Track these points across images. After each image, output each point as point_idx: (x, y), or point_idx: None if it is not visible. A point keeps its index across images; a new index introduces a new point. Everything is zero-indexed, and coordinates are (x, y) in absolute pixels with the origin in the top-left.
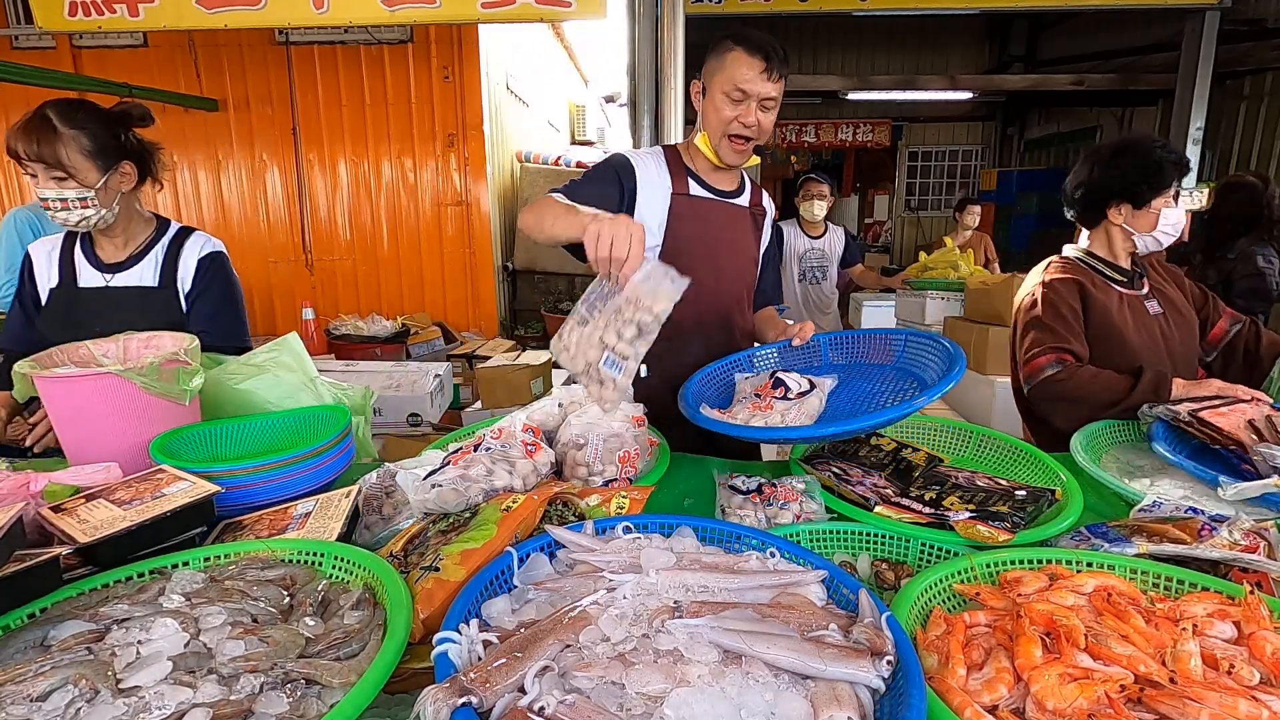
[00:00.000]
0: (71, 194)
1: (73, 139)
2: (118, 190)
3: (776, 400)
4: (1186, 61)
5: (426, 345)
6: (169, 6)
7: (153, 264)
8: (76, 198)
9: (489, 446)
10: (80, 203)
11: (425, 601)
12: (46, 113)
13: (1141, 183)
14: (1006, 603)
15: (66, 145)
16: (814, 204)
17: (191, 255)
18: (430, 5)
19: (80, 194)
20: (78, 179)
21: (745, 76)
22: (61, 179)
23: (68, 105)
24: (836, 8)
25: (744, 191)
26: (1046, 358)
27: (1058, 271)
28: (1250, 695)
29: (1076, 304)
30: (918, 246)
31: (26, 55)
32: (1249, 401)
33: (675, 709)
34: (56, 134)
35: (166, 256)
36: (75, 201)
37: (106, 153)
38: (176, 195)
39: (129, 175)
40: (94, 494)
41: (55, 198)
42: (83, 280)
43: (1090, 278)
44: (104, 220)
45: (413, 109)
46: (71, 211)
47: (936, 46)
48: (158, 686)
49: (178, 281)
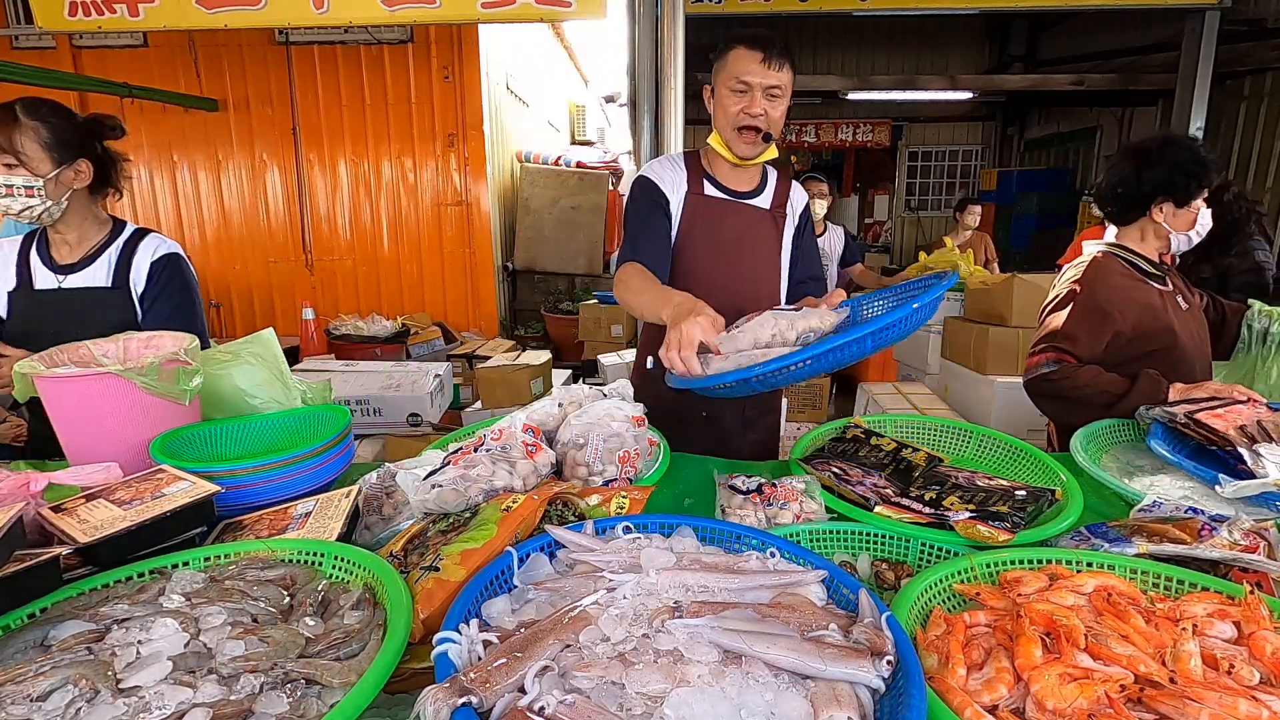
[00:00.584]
0: (19, 181)
1: (32, 129)
2: (69, 186)
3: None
4: (1186, 61)
5: (426, 345)
6: (169, 6)
7: (106, 265)
8: (23, 185)
9: (489, 447)
10: (26, 190)
11: (425, 601)
12: (13, 104)
13: (1189, 180)
14: (1006, 603)
15: (24, 133)
16: (814, 203)
17: (145, 257)
18: (430, 5)
19: (28, 182)
20: (28, 166)
21: (746, 68)
22: (11, 165)
23: (35, 100)
24: (836, 8)
25: (764, 191)
26: (1045, 355)
27: (1098, 267)
28: (1250, 695)
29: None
30: (918, 246)
31: (26, 55)
32: (1245, 402)
33: (675, 709)
34: (16, 123)
35: (120, 257)
36: (21, 189)
37: (63, 147)
38: (176, 195)
39: (83, 174)
40: (94, 494)
41: (2, 183)
42: (38, 283)
43: (1130, 274)
44: (49, 214)
45: (413, 109)
46: (15, 199)
47: (936, 46)
48: (158, 686)
49: (130, 282)
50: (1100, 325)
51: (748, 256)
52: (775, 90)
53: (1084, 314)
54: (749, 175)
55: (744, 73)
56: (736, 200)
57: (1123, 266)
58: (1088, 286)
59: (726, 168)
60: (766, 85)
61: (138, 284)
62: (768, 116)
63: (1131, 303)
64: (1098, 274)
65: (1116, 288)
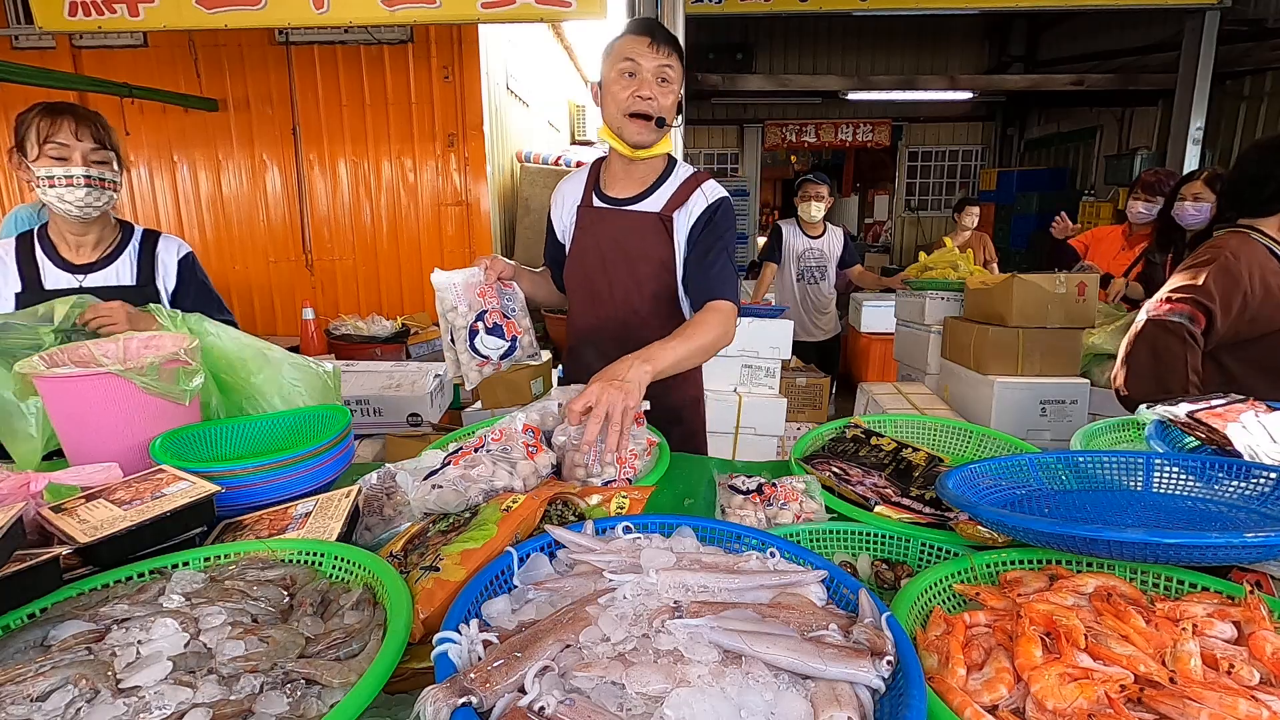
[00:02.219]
0: (110, 175)
1: (108, 131)
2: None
3: None
4: (1186, 61)
5: (426, 345)
6: (169, 6)
7: (128, 264)
8: (113, 179)
9: (490, 447)
10: (114, 185)
11: (425, 601)
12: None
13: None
14: (1006, 603)
15: (109, 133)
16: (812, 205)
17: (170, 256)
18: (430, 5)
19: (114, 176)
20: (114, 163)
21: (633, 50)
22: (103, 162)
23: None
24: (836, 8)
25: (652, 195)
26: (1184, 306)
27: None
28: (1250, 695)
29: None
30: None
31: (26, 55)
32: (1244, 401)
33: (675, 709)
34: (102, 121)
35: (141, 257)
36: (111, 182)
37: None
38: (177, 195)
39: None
40: (94, 494)
41: (97, 176)
42: (49, 282)
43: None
44: (109, 205)
45: (413, 109)
46: (105, 191)
47: (936, 46)
48: (158, 686)
49: (158, 280)
50: (1235, 289)
51: (630, 263)
52: (665, 73)
53: (1224, 274)
54: (638, 178)
55: (630, 53)
56: (618, 208)
57: (1265, 247)
58: (1232, 252)
59: (618, 172)
60: (655, 67)
61: (167, 281)
62: (658, 102)
63: (1265, 279)
64: (1242, 244)
65: (1256, 261)
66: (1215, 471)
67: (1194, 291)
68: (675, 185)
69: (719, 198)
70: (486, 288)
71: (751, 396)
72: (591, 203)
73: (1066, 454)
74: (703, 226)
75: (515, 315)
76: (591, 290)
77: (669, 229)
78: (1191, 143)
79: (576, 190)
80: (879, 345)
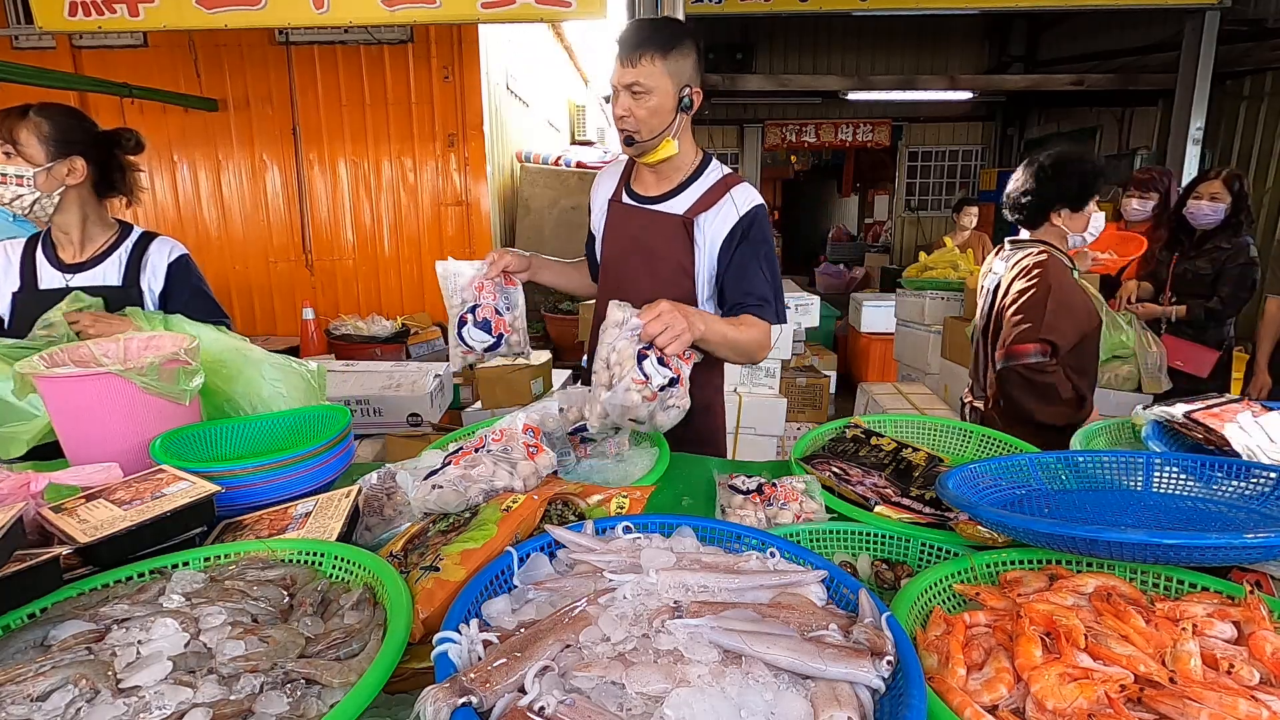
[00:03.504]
0: (11, 170)
1: (34, 123)
2: (60, 180)
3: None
4: (1186, 61)
5: (426, 345)
6: (169, 6)
7: (116, 264)
8: (15, 173)
9: (490, 448)
10: (16, 179)
11: (425, 601)
12: (29, 105)
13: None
14: (1006, 603)
15: (25, 126)
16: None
17: (160, 258)
18: (430, 5)
19: (19, 171)
20: (22, 155)
21: (615, 66)
22: (8, 154)
23: (49, 104)
24: (836, 8)
25: (679, 195)
26: (1035, 345)
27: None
28: (1250, 695)
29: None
30: (918, 246)
31: (26, 55)
32: (1240, 401)
33: (675, 709)
34: (23, 118)
35: (130, 258)
36: (12, 177)
37: (61, 143)
38: (177, 195)
39: (77, 171)
40: (94, 494)
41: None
42: (43, 282)
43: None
44: (40, 206)
45: (413, 109)
46: (7, 187)
47: (936, 46)
48: (158, 686)
49: (142, 281)
50: (1069, 319)
51: (650, 262)
52: (636, 88)
53: (1059, 309)
54: (665, 177)
55: (613, 71)
56: (641, 206)
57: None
58: (1055, 283)
59: (645, 171)
60: (625, 84)
61: (154, 283)
62: (633, 116)
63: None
64: (1057, 272)
65: (1065, 283)
66: (1214, 472)
67: (1039, 332)
68: (704, 188)
69: (752, 207)
70: (485, 282)
71: (751, 396)
72: (620, 198)
73: (1066, 454)
74: (737, 241)
75: (508, 314)
76: (616, 284)
77: (690, 232)
78: (1191, 143)
79: (611, 184)
80: (879, 345)
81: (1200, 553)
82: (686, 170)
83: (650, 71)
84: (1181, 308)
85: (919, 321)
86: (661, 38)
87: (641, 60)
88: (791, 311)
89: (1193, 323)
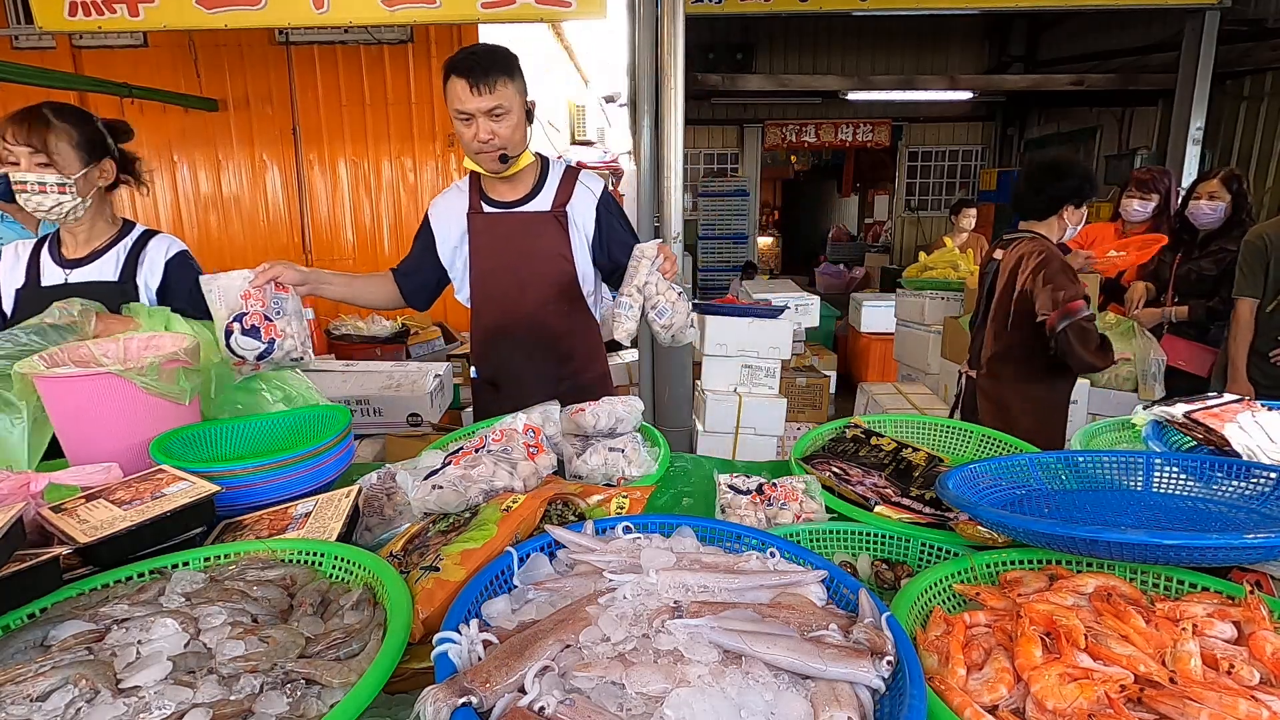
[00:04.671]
0: (52, 179)
1: (64, 130)
2: (94, 184)
3: None
4: (1186, 61)
5: (426, 345)
6: (169, 6)
7: (113, 260)
8: (56, 183)
9: (491, 448)
10: (59, 188)
11: (425, 601)
12: (40, 107)
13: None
14: (1006, 603)
15: (56, 135)
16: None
17: (159, 254)
18: (430, 5)
19: (61, 180)
20: (59, 166)
21: (459, 98)
22: (45, 164)
23: (60, 105)
24: (836, 8)
25: (540, 193)
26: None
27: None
28: (1250, 695)
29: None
30: (918, 246)
31: (26, 55)
32: (1240, 401)
33: (675, 709)
34: (49, 125)
35: (129, 254)
36: (54, 186)
37: (91, 148)
38: (177, 195)
39: (107, 173)
40: (94, 494)
41: (35, 181)
42: (45, 279)
43: None
44: (75, 211)
45: (413, 109)
46: (49, 196)
47: (936, 46)
48: (158, 686)
49: (138, 277)
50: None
51: (532, 260)
52: (497, 110)
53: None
54: (520, 183)
55: (458, 103)
56: (510, 210)
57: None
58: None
59: (498, 182)
60: (485, 109)
61: (150, 280)
62: (497, 137)
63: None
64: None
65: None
66: (1214, 471)
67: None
68: (557, 182)
69: (600, 186)
70: (253, 290)
71: (751, 396)
72: (480, 209)
73: (1066, 454)
74: (603, 213)
75: (279, 319)
76: (498, 288)
77: (564, 223)
78: (1191, 143)
79: (460, 201)
80: (879, 345)
81: (1200, 553)
82: (535, 172)
83: (506, 94)
84: (1183, 308)
85: (919, 321)
86: (506, 62)
87: (497, 85)
88: (791, 311)
89: (1195, 323)
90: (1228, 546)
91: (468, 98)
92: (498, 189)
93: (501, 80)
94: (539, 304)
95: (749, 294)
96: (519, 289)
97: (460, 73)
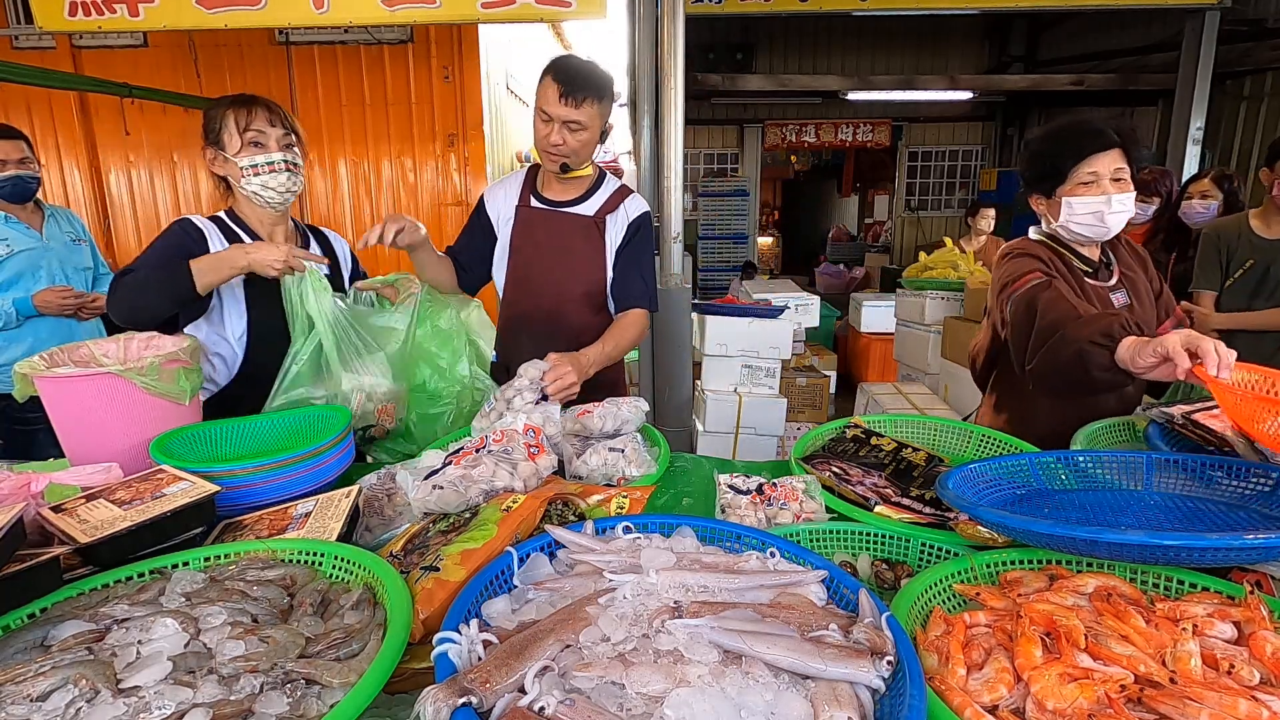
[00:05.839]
0: (298, 159)
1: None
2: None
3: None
4: (1186, 61)
5: None
6: (169, 6)
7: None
8: (295, 161)
9: (491, 448)
10: (300, 168)
11: (425, 601)
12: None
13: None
14: (1006, 603)
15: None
16: None
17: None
18: (430, 5)
19: (298, 159)
20: (297, 146)
21: (547, 100)
22: (290, 146)
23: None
24: (836, 8)
25: (589, 199)
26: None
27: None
28: (1250, 695)
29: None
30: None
31: (26, 55)
32: None
33: (675, 709)
34: (276, 106)
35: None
36: (299, 168)
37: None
38: (177, 195)
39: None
40: (94, 494)
41: (291, 161)
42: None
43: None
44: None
45: (413, 109)
46: (295, 175)
47: (936, 46)
48: (158, 686)
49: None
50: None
51: (566, 258)
52: (574, 125)
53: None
54: (573, 186)
55: (545, 104)
56: (556, 209)
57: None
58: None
59: (553, 180)
60: (565, 119)
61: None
62: (567, 146)
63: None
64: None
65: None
66: (1215, 472)
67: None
68: (606, 195)
69: (641, 213)
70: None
71: (751, 396)
72: (530, 203)
73: (1066, 454)
74: (628, 240)
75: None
76: (527, 280)
77: (601, 231)
78: (1191, 143)
79: (513, 192)
80: (879, 345)
81: (1200, 553)
82: (589, 181)
83: (590, 114)
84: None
85: (919, 321)
86: (600, 84)
87: (584, 104)
88: (791, 311)
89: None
90: (1228, 547)
91: (555, 103)
92: (552, 187)
93: (590, 100)
94: (566, 301)
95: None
96: (551, 284)
97: (557, 77)
